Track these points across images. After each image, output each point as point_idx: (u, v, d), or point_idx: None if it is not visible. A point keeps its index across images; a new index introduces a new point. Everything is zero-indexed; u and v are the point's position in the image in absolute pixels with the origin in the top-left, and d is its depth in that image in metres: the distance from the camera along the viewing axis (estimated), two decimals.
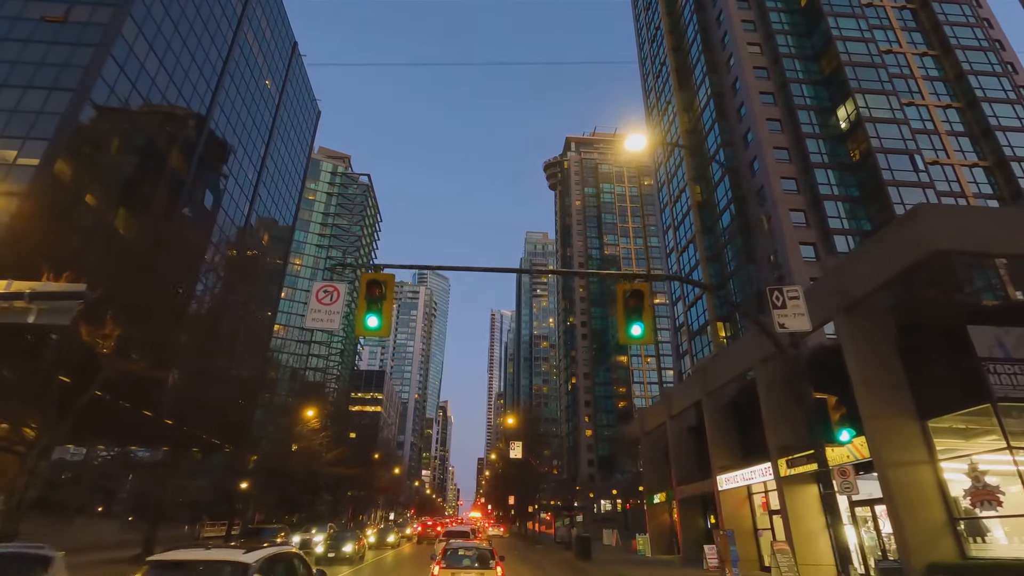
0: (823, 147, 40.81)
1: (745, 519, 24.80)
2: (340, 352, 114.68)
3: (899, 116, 39.64)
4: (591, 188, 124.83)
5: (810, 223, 38.46)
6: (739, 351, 24.62)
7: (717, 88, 48.72)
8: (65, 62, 34.25)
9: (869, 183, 37.94)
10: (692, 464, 30.58)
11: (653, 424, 35.94)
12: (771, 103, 43.70)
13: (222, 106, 50.59)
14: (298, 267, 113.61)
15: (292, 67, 69.20)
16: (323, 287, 10.10)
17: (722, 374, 25.97)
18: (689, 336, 50.25)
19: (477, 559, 13.66)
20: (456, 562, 13.52)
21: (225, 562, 6.26)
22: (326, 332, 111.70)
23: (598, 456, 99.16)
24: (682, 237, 52.57)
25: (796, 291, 10.75)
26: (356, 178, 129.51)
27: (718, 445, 25.99)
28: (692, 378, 30.94)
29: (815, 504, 19.70)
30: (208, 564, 6.36)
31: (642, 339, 10.23)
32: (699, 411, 30.98)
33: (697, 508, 30.18)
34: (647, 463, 37.17)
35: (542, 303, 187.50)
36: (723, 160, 45.53)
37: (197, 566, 6.33)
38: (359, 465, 57.02)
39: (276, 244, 67.37)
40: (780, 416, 20.94)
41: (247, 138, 56.72)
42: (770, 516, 23.41)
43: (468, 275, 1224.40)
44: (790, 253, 36.94)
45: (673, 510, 34.71)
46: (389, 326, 9.94)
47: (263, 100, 60.86)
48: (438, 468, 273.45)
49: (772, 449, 20.69)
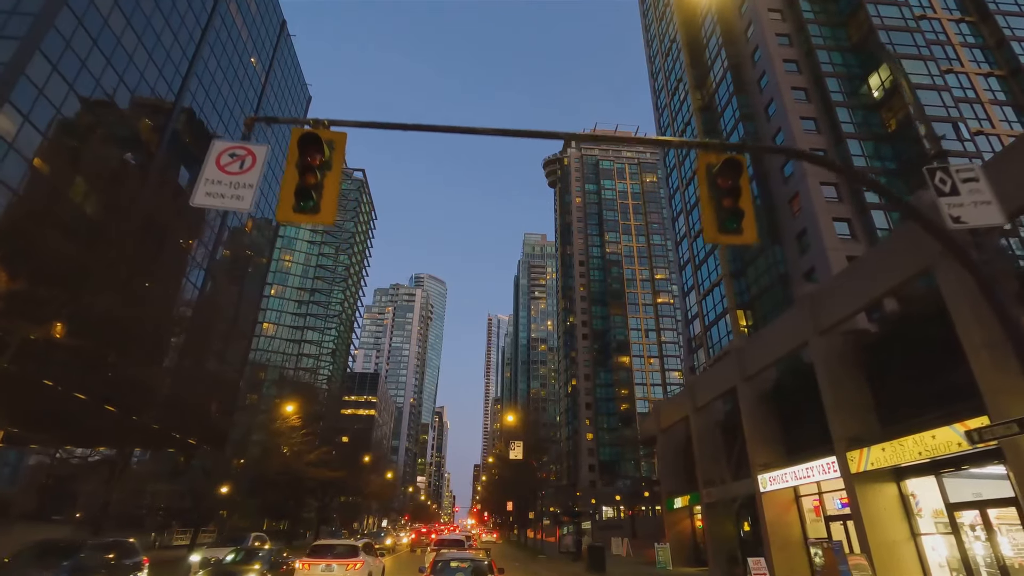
0: (854, 117, 37.24)
1: (792, 526, 20.93)
2: (332, 352, 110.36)
3: (939, 83, 36.11)
4: (592, 185, 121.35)
5: (843, 197, 34.81)
6: (788, 325, 20.79)
7: (735, 60, 45.19)
8: (12, 9, 30.37)
9: (909, 153, 34.33)
10: (721, 463, 26.71)
11: (672, 419, 32.04)
12: (795, 71, 40.21)
13: (200, 77, 46.83)
14: (288, 264, 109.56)
15: (280, 46, 65.48)
16: (229, 149, 6.25)
17: (763, 355, 22.14)
18: (704, 327, 46.45)
19: (472, 572, 11.74)
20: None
21: None
22: (316, 331, 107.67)
23: (599, 461, 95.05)
24: (695, 221, 48.86)
25: (972, 170, 6.96)
26: (350, 173, 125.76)
27: (758, 440, 22.13)
28: (724, 363, 27.08)
29: (895, 507, 15.85)
30: None
31: (740, 235, 6.44)
32: (727, 402, 27.15)
33: (727, 514, 26.26)
34: (665, 464, 33.24)
35: (540, 305, 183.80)
36: (743, 135, 41.93)
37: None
38: (345, 468, 52.77)
39: (262, 232, 63.37)
40: (847, 400, 17.11)
41: (228, 117, 52.92)
42: (826, 523, 19.53)
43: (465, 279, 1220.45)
44: (823, 230, 33.24)
45: (696, 516, 30.80)
46: (333, 211, 6.12)
47: (247, 79, 57.10)
48: (433, 474, 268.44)
49: (838, 441, 16.83)
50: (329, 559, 16.52)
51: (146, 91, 39.93)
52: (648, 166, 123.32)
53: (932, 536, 15.18)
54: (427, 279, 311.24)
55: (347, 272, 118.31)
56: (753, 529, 25.12)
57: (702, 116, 49.49)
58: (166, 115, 42.26)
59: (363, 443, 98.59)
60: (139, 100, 38.93)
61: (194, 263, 47.63)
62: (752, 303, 39.77)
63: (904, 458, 14.31)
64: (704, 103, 49.97)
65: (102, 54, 34.55)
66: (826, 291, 18.23)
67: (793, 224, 36.45)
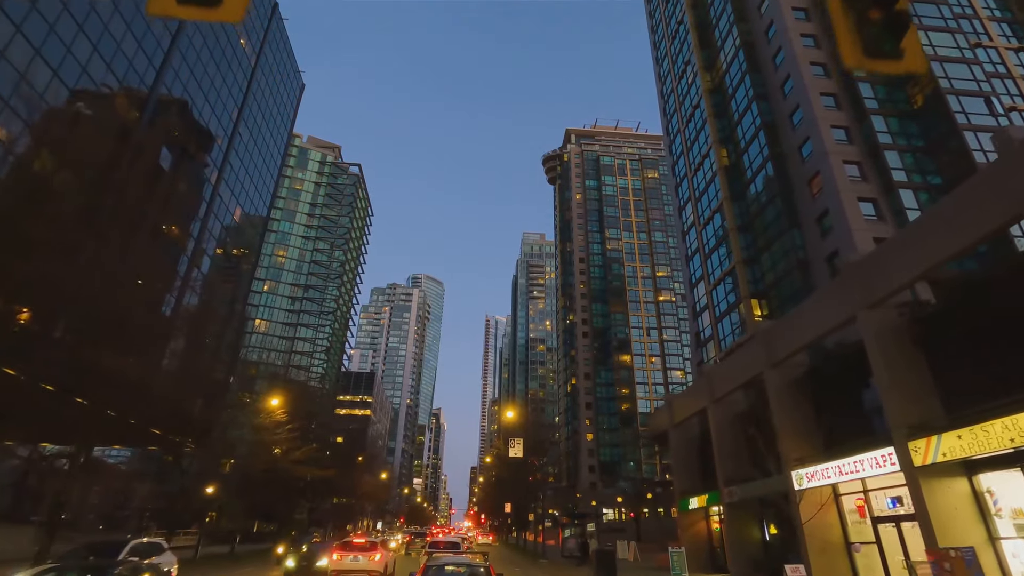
0: (877, 93, 35.03)
1: (831, 528, 18.52)
2: (326, 350, 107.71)
3: (969, 56, 33.93)
4: (592, 181, 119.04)
5: (868, 176, 32.55)
6: (829, 301, 18.39)
7: (747, 37, 43.00)
8: None
9: (938, 129, 32.10)
10: (743, 459, 24.31)
11: (687, 413, 29.64)
12: (813, 47, 38.02)
13: (184, 53, 44.41)
14: (282, 260, 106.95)
15: (272, 29, 63.10)
16: None
17: (795, 338, 19.75)
18: (713, 319, 44.10)
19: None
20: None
21: None
22: (309, 328, 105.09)
23: (600, 462, 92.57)
24: (705, 208, 46.55)
25: None
26: (346, 168, 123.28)
27: (790, 432, 19.72)
28: (746, 350, 24.69)
29: (968, 506, 13.47)
30: None
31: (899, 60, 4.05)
32: (750, 393, 24.77)
33: (751, 515, 23.87)
34: (678, 461, 30.80)
35: (539, 305, 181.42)
36: (756, 114, 39.70)
37: None
38: (334, 467, 50.15)
39: (250, 223, 60.81)
40: (906, 382, 14.73)
41: (216, 98, 50.49)
42: (874, 525, 17.16)
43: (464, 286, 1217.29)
44: (847, 210, 30.96)
45: (712, 518, 28.39)
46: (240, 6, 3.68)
47: (236, 59, 54.69)
48: (430, 476, 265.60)
49: (896, 429, 14.44)
50: (355, 552, 20.83)
51: (123, 65, 37.49)
52: (649, 162, 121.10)
53: (1013, 540, 12.83)
54: (425, 279, 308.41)
55: (342, 268, 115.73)
56: (780, 532, 22.75)
57: (712, 98, 47.24)
58: (146, 92, 39.83)
59: (358, 443, 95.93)
60: (115, 74, 36.50)
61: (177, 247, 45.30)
62: (767, 291, 37.46)
63: (989, 447, 11.92)
64: (714, 85, 47.73)
65: (73, 19, 32.12)
66: (878, 258, 15.86)
67: (813, 206, 34.17)
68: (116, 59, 36.74)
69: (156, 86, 40.92)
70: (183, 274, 43.01)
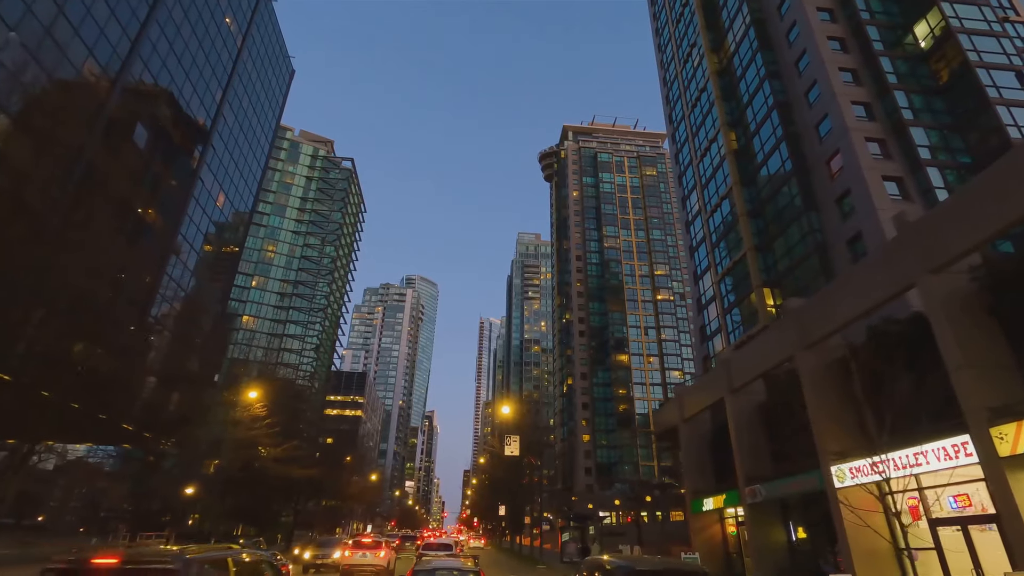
0: (898, 68, 32.99)
1: (879, 532, 16.17)
2: (316, 348, 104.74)
3: (997, 29, 31.95)
4: (590, 178, 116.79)
5: (891, 154, 30.43)
6: (879, 270, 16.06)
7: (757, 14, 40.93)
8: None
9: (967, 104, 30.05)
10: (766, 455, 21.99)
11: (699, 407, 27.29)
12: (829, 20, 35.98)
13: (162, 26, 41.78)
14: (271, 254, 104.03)
15: (260, 10, 60.54)
16: None
17: (836, 313, 17.42)
18: (721, 311, 41.86)
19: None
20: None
21: None
22: (299, 325, 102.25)
23: (596, 463, 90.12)
24: (712, 195, 44.34)
25: None
26: (338, 162, 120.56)
27: (828, 422, 17.41)
28: (770, 333, 22.33)
29: None
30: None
31: None
32: (777, 381, 22.46)
33: (775, 516, 21.51)
34: (689, 459, 28.42)
35: (534, 306, 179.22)
36: (769, 94, 37.58)
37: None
38: (321, 467, 47.43)
39: (234, 212, 58.07)
40: (980, 359, 12.45)
41: (198, 77, 47.86)
42: (932, 528, 14.84)
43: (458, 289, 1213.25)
44: (871, 190, 28.79)
45: (727, 520, 26.03)
46: None
47: (220, 38, 52.08)
48: (422, 479, 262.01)
49: (973, 413, 12.14)
50: (364, 549, 23.34)
51: (93, 32, 34.79)
52: (647, 159, 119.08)
53: None
54: (419, 280, 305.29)
55: (333, 264, 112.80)
56: (811, 535, 20.42)
57: (719, 80, 45.11)
58: (119, 62, 37.16)
59: (348, 444, 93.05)
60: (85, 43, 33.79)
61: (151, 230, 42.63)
62: (781, 279, 35.23)
63: None
64: (721, 67, 45.61)
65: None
66: (946, 215, 13.57)
67: (832, 187, 32.01)
68: (85, 24, 34.01)
69: (131, 58, 38.24)
70: (158, 258, 40.26)
